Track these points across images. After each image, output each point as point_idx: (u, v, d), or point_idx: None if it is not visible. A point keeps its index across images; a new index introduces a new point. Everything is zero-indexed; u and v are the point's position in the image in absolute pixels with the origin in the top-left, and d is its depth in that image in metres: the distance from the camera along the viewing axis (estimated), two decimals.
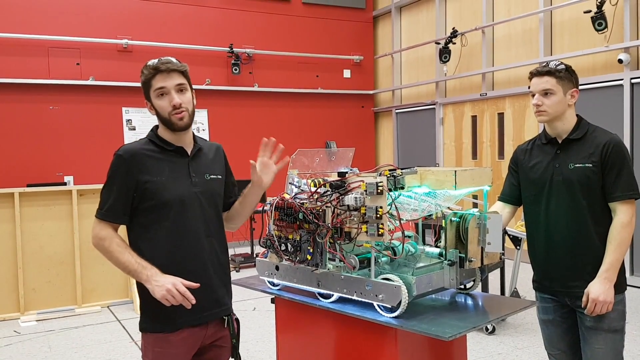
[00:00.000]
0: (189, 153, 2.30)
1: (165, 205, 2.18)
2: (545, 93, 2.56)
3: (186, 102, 2.23)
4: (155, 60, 2.22)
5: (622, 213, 2.47)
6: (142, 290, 2.20)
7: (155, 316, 2.19)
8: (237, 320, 2.40)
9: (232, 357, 2.39)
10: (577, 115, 2.64)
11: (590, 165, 2.50)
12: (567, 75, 2.56)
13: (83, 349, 4.86)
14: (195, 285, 2.11)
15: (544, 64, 2.61)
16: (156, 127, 2.32)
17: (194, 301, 2.09)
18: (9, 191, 5.75)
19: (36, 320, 5.66)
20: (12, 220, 5.73)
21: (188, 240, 2.21)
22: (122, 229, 2.25)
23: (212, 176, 2.34)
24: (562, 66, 2.57)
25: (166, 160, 2.24)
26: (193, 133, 2.36)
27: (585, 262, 2.53)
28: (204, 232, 2.25)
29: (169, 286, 2.06)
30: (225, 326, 2.32)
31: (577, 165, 2.53)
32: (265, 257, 2.71)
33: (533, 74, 2.63)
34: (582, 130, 2.58)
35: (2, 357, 4.70)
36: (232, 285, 2.81)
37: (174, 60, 2.24)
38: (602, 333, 2.52)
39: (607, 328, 2.51)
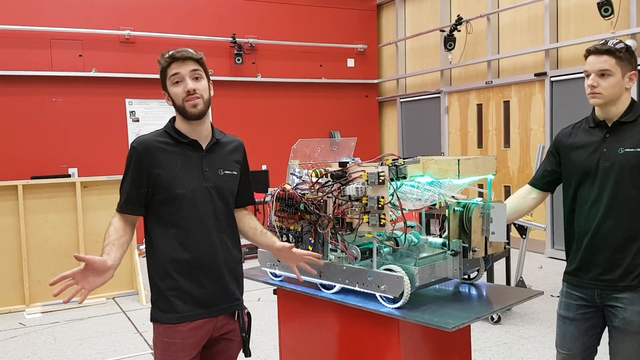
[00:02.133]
0: (204, 147, 2.26)
1: (175, 198, 2.17)
2: (602, 74, 2.34)
3: (201, 90, 2.21)
4: (173, 50, 2.22)
5: None
6: (153, 281, 2.23)
7: (165, 307, 2.19)
8: (248, 314, 2.38)
9: (243, 352, 2.37)
10: (631, 98, 2.44)
11: None
12: (627, 56, 2.34)
13: (88, 340, 4.88)
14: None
15: (602, 42, 2.38)
16: (174, 118, 2.29)
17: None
18: (12, 184, 5.75)
19: (41, 312, 5.68)
20: (16, 212, 5.73)
21: (198, 235, 2.19)
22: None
23: (226, 172, 2.30)
24: (622, 45, 2.34)
25: (179, 153, 2.22)
26: (212, 125, 2.33)
27: (626, 255, 2.36)
28: (214, 227, 2.23)
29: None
30: (235, 319, 2.31)
31: (628, 150, 2.33)
32: None
33: (590, 52, 2.38)
34: (635, 112, 2.38)
35: (7, 349, 4.72)
36: None
37: (190, 49, 2.24)
38: (629, 335, 2.38)
39: (635, 330, 2.37)
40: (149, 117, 8.98)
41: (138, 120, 8.88)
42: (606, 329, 2.53)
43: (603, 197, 2.39)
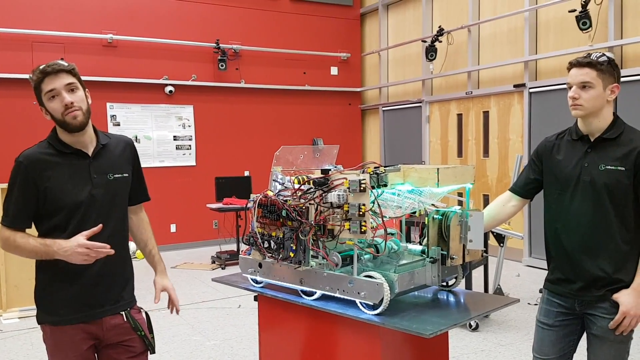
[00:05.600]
0: (90, 153, 2.30)
1: (62, 209, 2.21)
2: (584, 86, 2.37)
3: (78, 101, 2.22)
4: (43, 65, 2.23)
5: None
6: (38, 284, 2.32)
7: (49, 310, 2.27)
8: (146, 313, 2.47)
9: (148, 350, 2.44)
10: (613, 113, 2.47)
11: (623, 169, 2.34)
12: (608, 69, 2.36)
13: None
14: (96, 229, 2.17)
15: (585, 55, 2.40)
16: (56, 128, 2.31)
17: (108, 247, 2.15)
18: None
19: (18, 318, 5.60)
20: None
21: None
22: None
23: (115, 175, 2.34)
24: (605, 58, 2.37)
25: (66, 163, 2.25)
26: (96, 130, 2.36)
27: (605, 269, 2.40)
28: (102, 232, 2.26)
29: (78, 249, 2.11)
30: (125, 320, 2.36)
31: (608, 167, 2.37)
32: (249, 255, 2.70)
33: (572, 65, 2.42)
34: (618, 129, 2.41)
35: None
36: (218, 283, 2.90)
37: (60, 61, 2.26)
38: (607, 342, 2.43)
39: (613, 338, 2.42)
40: (129, 121, 8.93)
41: (119, 125, 8.82)
42: (584, 336, 2.57)
43: (583, 211, 2.43)
